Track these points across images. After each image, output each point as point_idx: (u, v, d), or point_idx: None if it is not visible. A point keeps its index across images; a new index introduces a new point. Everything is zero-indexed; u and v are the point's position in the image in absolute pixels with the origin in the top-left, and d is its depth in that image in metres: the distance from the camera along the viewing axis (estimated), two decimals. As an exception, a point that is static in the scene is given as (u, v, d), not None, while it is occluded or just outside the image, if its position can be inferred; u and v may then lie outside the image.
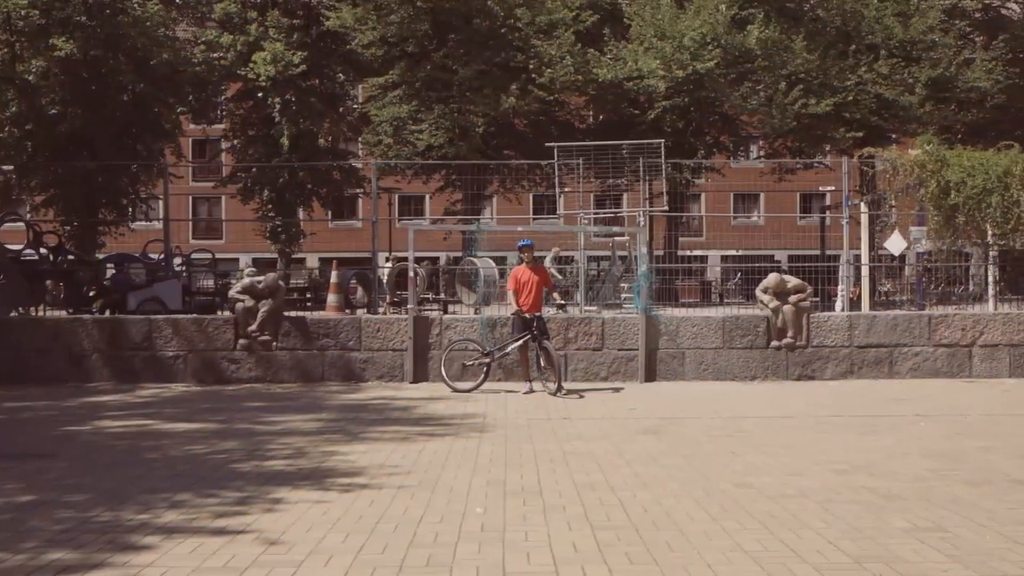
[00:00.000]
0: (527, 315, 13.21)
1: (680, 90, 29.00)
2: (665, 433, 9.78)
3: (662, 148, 18.33)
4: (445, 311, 21.65)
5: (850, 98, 29.95)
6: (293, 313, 15.19)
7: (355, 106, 36.83)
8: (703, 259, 42.46)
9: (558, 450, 8.76)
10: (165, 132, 31.13)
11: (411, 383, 14.26)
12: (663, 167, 18.31)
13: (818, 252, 27.28)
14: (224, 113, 37.22)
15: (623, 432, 9.86)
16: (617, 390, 13.60)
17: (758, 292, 14.98)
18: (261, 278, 14.53)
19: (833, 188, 24.01)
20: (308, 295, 21.71)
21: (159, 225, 52.31)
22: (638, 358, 14.38)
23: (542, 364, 13.41)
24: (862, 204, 19.06)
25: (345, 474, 7.59)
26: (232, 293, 14.67)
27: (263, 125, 33.82)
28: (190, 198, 52.62)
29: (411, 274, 14.53)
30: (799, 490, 6.95)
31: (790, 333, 14.55)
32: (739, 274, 26.25)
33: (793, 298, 14.65)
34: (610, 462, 8.13)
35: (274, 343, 14.43)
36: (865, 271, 18.93)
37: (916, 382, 14.34)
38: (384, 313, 16.28)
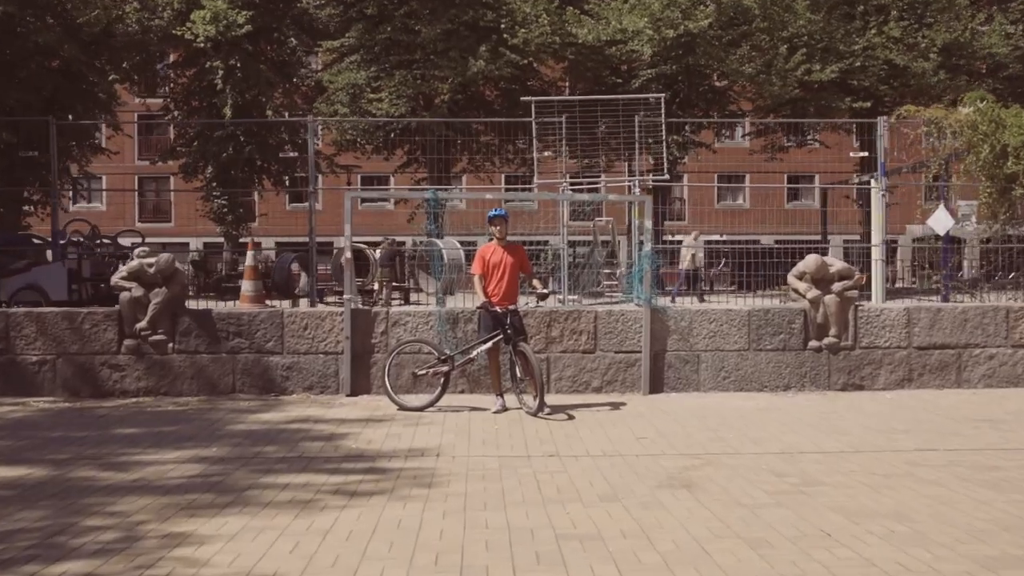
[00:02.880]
0: (498, 309, 9.96)
1: (668, 56, 25.89)
2: (701, 487, 6.59)
3: (662, 104, 15.08)
4: (407, 301, 18.49)
5: (857, 64, 26.99)
6: (194, 305, 11.81)
7: (310, 74, 33.33)
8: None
9: (547, 528, 5.55)
10: (100, 102, 27.57)
11: (348, 396, 10.99)
12: (662, 127, 15.05)
13: (808, 236, 24.20)
14: (164, 81, 33.60)
15: (639, 484, 6.67)
16: (616, 406, 10.38)
17: (791, 278, 11.80)
18: (152, 260, 11.15)
19: (865, 153, 21.06)
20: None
21: (101, 206, 48.21)
22: (641, 363, 11.18)
23: (518, 373, 10.13)
24: (872, 179, 15.98)
25: (173, 599, 4.33)
26: (115, 279, 11.28)
27: (206, 94, 30.26)
28: (136, 177, 48.76)
29: (347, 254, 11.20)
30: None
31: (833, 331, 11.39)
32: (724, 259, 23.78)
33: (837, 286, 11.47)
34: (636, 562, 4.92)
35: (170, 344, 11.10)
36: (877, 253, 15.73)
37: (994, 393, 11.23)
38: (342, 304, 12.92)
